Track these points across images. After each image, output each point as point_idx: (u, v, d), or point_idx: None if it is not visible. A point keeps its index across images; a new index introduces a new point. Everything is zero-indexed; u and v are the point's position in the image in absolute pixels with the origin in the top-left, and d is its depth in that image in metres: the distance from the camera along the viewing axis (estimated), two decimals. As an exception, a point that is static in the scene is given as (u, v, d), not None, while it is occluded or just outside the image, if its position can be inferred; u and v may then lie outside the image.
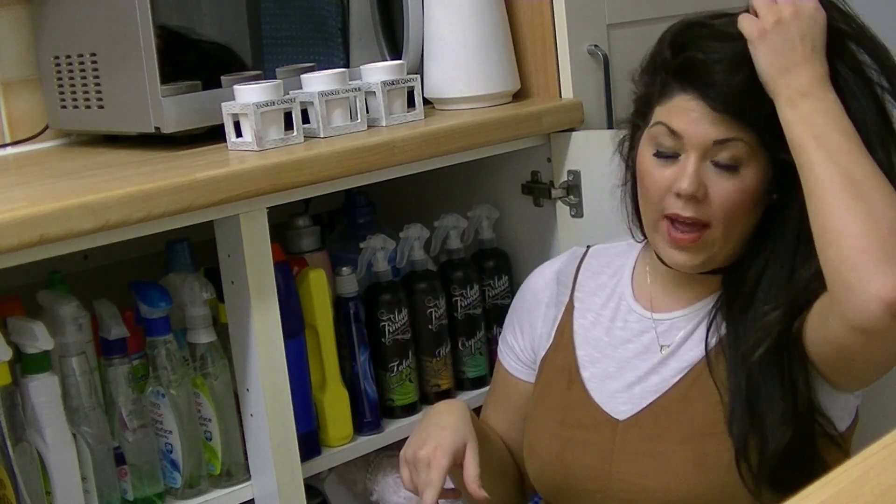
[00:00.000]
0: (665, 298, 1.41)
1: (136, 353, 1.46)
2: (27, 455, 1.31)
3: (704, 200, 1.29)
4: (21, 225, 1.20)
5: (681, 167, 1.30)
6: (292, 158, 1.43)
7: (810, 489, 0.70)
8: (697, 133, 1.29)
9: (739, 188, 1.29)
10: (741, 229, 1.32)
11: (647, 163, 1.34)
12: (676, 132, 1.30)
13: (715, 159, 1.29)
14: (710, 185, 1.29)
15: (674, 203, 1.31)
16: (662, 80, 1.33)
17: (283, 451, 1.45)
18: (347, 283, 1.62)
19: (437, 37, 1.71)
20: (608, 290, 1.46)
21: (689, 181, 1.28)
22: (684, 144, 1.30)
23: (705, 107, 1.28)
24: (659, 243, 1.35)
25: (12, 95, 1.78)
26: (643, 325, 1.41)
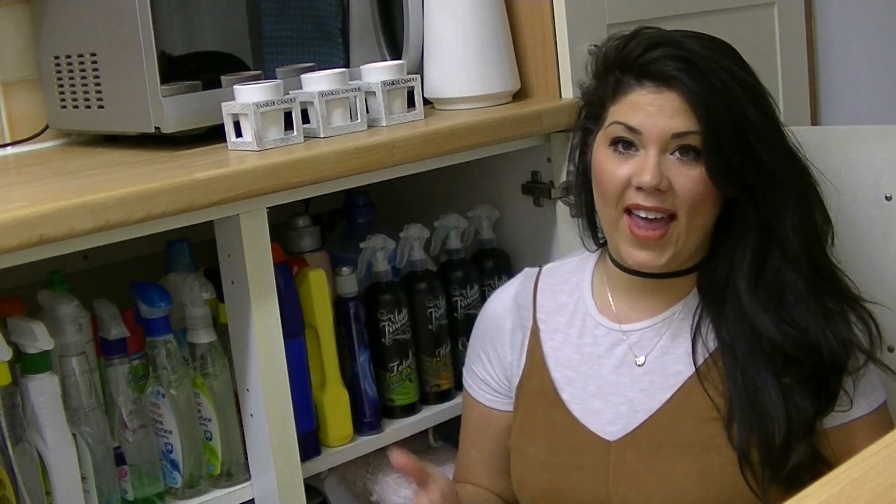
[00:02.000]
0: (630, 309, 1.39)
1: (136, 353, 1.46)
2: (27, 455, 1.31)
3: (668, 191, 1.29)
4: (21, 225, 1.20)
5: (640, 161, 1.30)
6: (292, 158, 1.43)
7: (810, 489, 0.70)
8: (656, 127, 1.29)
9: (699, 177, 1.29)
10: (703, 223, 1.32)
11: (605, 160, 1.33)
12: (635, 128, 1.30)
13: (675, 151, 1.29)
14: (672, 177, 1.29)
15: (634, 195, 1.30)
16: (616, 78, 1.33)
17: (283, 451, 1.45)
18: (347, 283, 1.62)
19: (437, 37, 1.71)
20: (570, 308, 1.44)
21: (651, 174, 1.28)
22: (643, 139, 1.30)
23: (663, 100, 1.29)
24: (620, 243, 1.33)
25: (12, 95, 1.78)
26: (613, 339, 1.39)
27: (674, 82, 1.29)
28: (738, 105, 1.30)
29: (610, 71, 1.35)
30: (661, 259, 1.32)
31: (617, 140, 1.32)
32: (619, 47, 1.34)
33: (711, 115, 1.28)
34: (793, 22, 2.07)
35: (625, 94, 1.32)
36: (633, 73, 1.31)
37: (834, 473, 0.71)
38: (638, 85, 1.31)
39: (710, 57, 1.32)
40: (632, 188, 1.30)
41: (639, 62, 1.31)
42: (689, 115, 1.29)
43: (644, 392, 1.35)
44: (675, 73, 1.29)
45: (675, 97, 1.29)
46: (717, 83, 1.30)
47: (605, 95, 1.35)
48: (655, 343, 1.37)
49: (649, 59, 1.30)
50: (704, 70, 1.30)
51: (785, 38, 2.04)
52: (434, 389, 1.71)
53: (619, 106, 1.32)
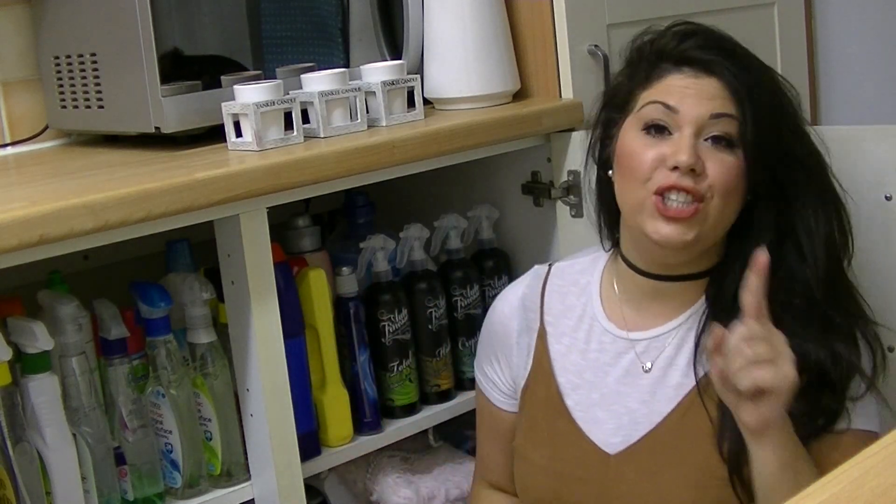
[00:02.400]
0: (639, 315, 1.37)
1: (136, 353, 1.46)
2: (27, 455, 1.31)
3: (701, 174, 1.27)
4: (21, 225, 1.20)
5: (675, 143, 1.28)
6: (292, 158, 1.43)
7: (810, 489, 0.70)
8: (695, 108, 1.28)
9: (735, 163, 1.28)
10: (728, 215, 1.30)
11: (635, 143, 1.30)
12: (672, 107, 1.29)
13: (711, 134, 1.28)
14: (706, 161, 1.27)
15: (667, 176, 1.27)
16: (650, 65, 1.33)
17: (283, 451, 1.45)
18: (347, 283, 1.62)
19: (437, 37, 1.71)
20: (578, 311, 1.42)
21: (688, 153, 1.26)
22: (679, 120, 1.28)
23: (701, 84, 1.29)
24: (647, 221, 1.29)
25: (12, 95, 1.78)
26: (620, 346, 1.37)
27: (714, 67, 1.29)
28: (776, 95, 1.31)
29: (644, 60, 1.34)
30: (689, 235, 1.27)
31: (650, 125, 1.30)
32: (654, 39, 1.35)
33: (751, 101, 1.28)
34: (793, 22, 2.07)
35: (660, 78, 1.31)
36: (671, 60, 1.32)
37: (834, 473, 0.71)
38: (676, 70, 1.31)
39: (746, 49, 1.33)
40: (663, 169, 1.27)
41: (677, 50, 1.31)
42: (727, 101, 1.28)
43: (645, 404, 1.33)
44: (714, 58, 1.29)
45: (715, 82, 1.29)
46: (756, 72, 1.31)
47: (635, 84, 1.34)
48: (662, 352, 1.34)
49: (688, 47, 1.31)
50: (743, 58, 1.31)
51: (785, 38, 2.04)
52: (434, 389, 1.70)
53: (653, 90, 1.32)
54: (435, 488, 1.68)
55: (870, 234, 1.48)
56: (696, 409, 1.30)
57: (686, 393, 1.31)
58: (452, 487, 1.68)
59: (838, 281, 1.32)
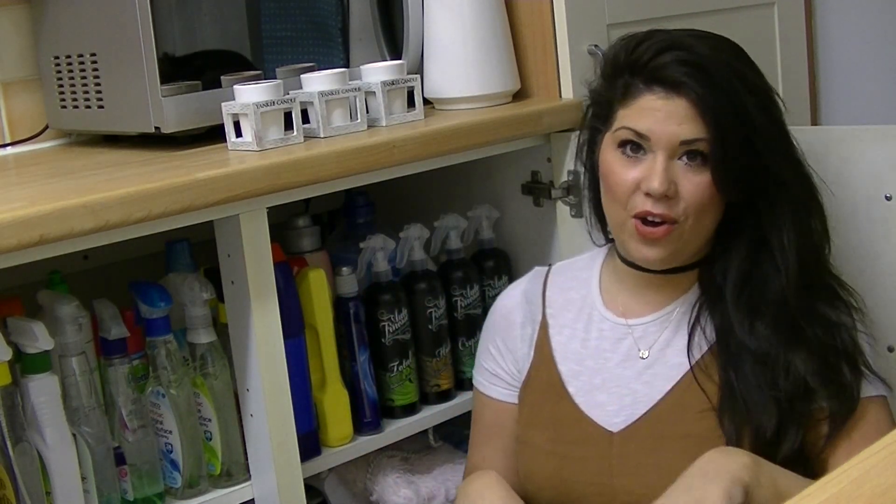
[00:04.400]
0: (636, 303, 1.41)
1: (136, 353, 1.46)
2: (27, 455, 1.31)
3: (674, 197, 1.30)
4: (21, 225, 1.20)
5: (648, 166, 1.31)
6: (292, 158, 1.43)
7: (810, 489, 0.70)
8: (665, 133, 1.30)
9: (707, 182, 1.31)
10: (706, 225, 1.34)
11: (613, 163, 1.34)
12: (643, 134, 1.31)
13: (682, 156, 1.31)
14: (680, 182, 1.30)
15: (643, 202, 1.31)
16: (626, 82, 1.34)
17: (283, 451, 1.45)
18: (347, 283, 1.62)
19: (437, 37, 1.71)
20: (578, 303, 1.45)
21: (659, 180, 1.29)
22: (651, 145, 1.31)
23: (672, 106, 1.30)
24: (627, 240, 1.35)
25: (12, 95, 1.78)
26: (618, 332, 1.41)
27: (683, 88, 1.29)
28: (746, 111, 1.31)
29: (619, 73, 1.35)
30: (666, 253, 1.33)
31: (625, 143, 1.33)
32: (629, 50, 1.34)
33: (719, 123, 1.29)
34: (793, 22, 2.07)
35: (634, 98, 1.33)
36: (643, 77, 1.32)
37: (834, 473, 0.71)
38: (647, 90, 1.32)
39: (720, 61, 1.32)
40: (640, 193, 1.31)
41: (648, 66, 1.31)
42: (697, 122, 1.29)
43: (647, 384, 1.36)
44: (684, 79, 1.29)
45: (684, 103, 1.30)
46: (727, 89, 1.30)
47: (613, 97, 1.36)
48: (658, 336, 1.39)
49: (659, 65, 1.30)
50: (714, 75, 1.30)
51: (785, 38, 2.04)
52: (434, 389, 1.70)
53: (627, 110, 1.33)
54: (435, 488, 1.68)
55: (870, 234, 1.48)
56: (694, 388, 1.34)
57: (683, 373, 1.35)
58: (452, 487, 1.68)
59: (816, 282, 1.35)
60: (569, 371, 1.42)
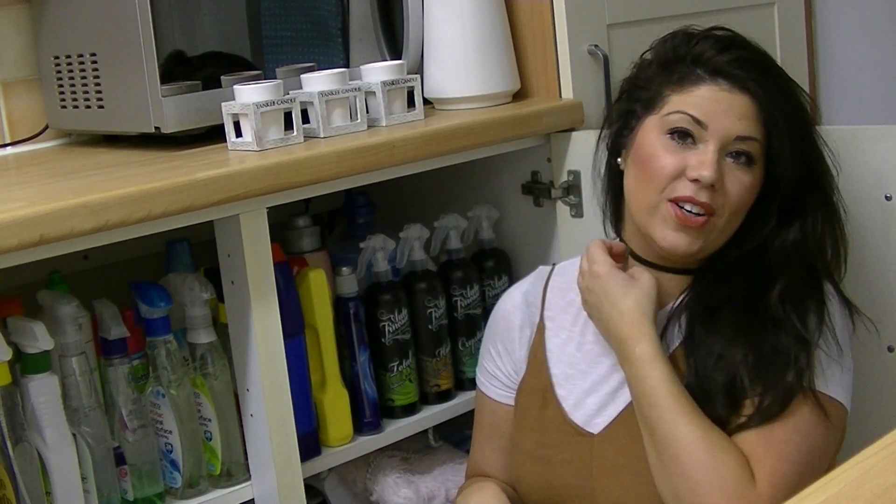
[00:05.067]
0: None
1: (136, 353, 1.47)
2: (27, 455, 1.31)
3: (719, 191, 1.30)
4: (21, 225, 1.20)
5: (700, 154, 1.30)
6: (292, 158, 1.43)
7: (810, 489, 0.70)
8: (724, 125, 1.30)
9: (751, 183, 1.31)
10: (735, 226, 1.33)
11: (658, 147, 1.33)
12: (701, 120, 1.30)
13: (733, 150, 1.30)
14: (725, 176, 1.30)
15: (686, 187, 1.30)
16: (686, 69, 1.33)
17: (283, 451, 1.45)
18: (347, 283, 1.62)
19: (437, 37, 1.71)
20: (576, 306, 1.44)
21: (711, 169, 1.28)
22: (705, 134, 1.30)
23: (734, 100, 1.30)
24: (657, 225, 1.33)
25: (12, 95, 1.78)
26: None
27: (749, 86, 1.31)
28: (803, 118, 1.34)
29: (679, 61, 1.35)
30: (695, 246, 1.32)
31: (675, 130, 1.32)
32: (691, 41, 1.35)
33: (778, 125, 1.31)
34: (793, 22, 2.07)
35: (694, 85, 1.32)
36: (707, 68, 1.32)
37: (834, 473, 0.71)
38: (711, 81, 1.32)
39: (778, 68, 1.35)
40: (683, 179, 1.30)
41: (713, 60, 1.32)
42: (755, 122, 1.30)
43: (623, 383, 1.36)
44: (751, 76, 1.31)
45: (748, 101, 1.31)
46: (788, 94, 1.33)
47: (666, 83, 1.35)
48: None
49: (726, 59, 1.32)
50: (776, 79, 1.33)
51: (785, 38, 2.04)
52: (434, 389, 1.70)
53: (685, 96, 1.32)
54: (435, 488, 1.68)
55: (870, 234, 1.48)
56: None
57: None
58: (452, 487, 1.68)
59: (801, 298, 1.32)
60: (561, 374, 1.42)
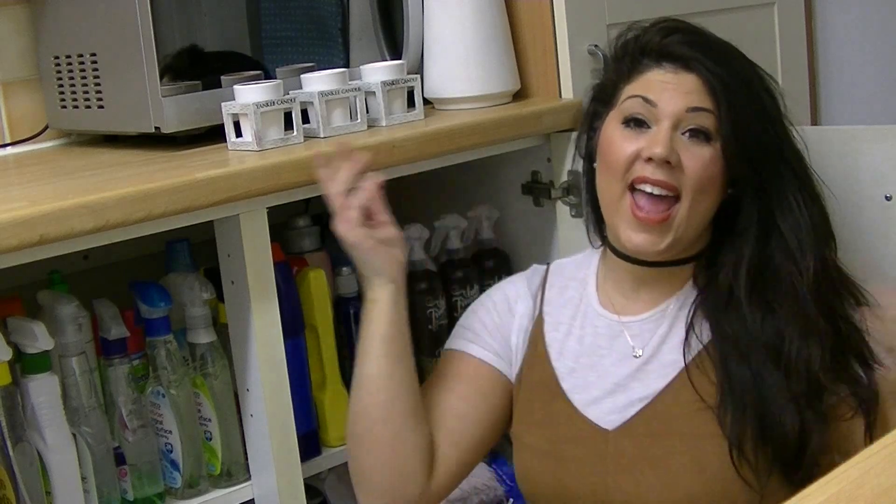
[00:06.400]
0: (630, 301, 1.40)
1: (136, 353, 1.47)
2: (27, 455, 1.31)
3: (676, 168, 1.30)
4: (21, 225, 1.20)
5: (652, 135, 1.31)
6: (292, 158, 1.43)
7: (810, 489, 0.70)
8: (673, 101, 1.31)
9: (711, 157, 1.31)
10: (704, 209, 1.33)
11: (615, 135, 1.34)
12: (651, 100, 1.32)
13: (688, 128, 1.31)
14: (682, 154, 1.31)
15: (643, 167, 1.31)
16: (632, 60, 1.36)
17: (283, 451, 1.45)
18: (347, 283, 1.62)
19: (437, 37, 1.71)
20: (575, 301, 1.45)
21: (663, 145, 1.29)
22: (657, 113, 1.32)
23: (680, 79, 1.32)
24: (621, 226, 1.33)
25: (12, 95, 1.78)
26: (612, 330, 1.40)
27: (693, 63, 1.33)
28: (755, 90, 1.34)
29: (627, 54, 1.38)
30: (660, 244, 1.32)
31: (630, 118, 1.34)
32: (638, 35, 1.38)
33: (729, 96, 1.31)
34: (793, 22, 2.07)
35: (641, 73, 1.35)
36: (653, 55, 1.35)
37: (834, 473, 0.71)
38: (657, 65, 1.34)
39: (726, 44, 1.37)
40: (640, 161, 1.31)
41: (659, 45, 1.35)
42: (705, 96, 1.32)
43: (641, 382, 1.36)
44: (695, 54, 1.33)
45: (694, 78, 1.33)
46: (735, 68, 1.34)
47: (619, 78, 1.38)
48: (653, 334, 1.38)
49: (669, 42, 1.34)
50: (722, 54, 1.34)
51: (785, 38, 2.04)
52: (434, 389, 1.70)
53: (634, 84, 1.35)
54: (435, 488, 1.68)
55: (870, 234, 1.48)
56: (689, 386, 1.33)
57: (678, 371, 1.34)
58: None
59: (826, 276, 1.33)
60: (563, 367, 1.41)
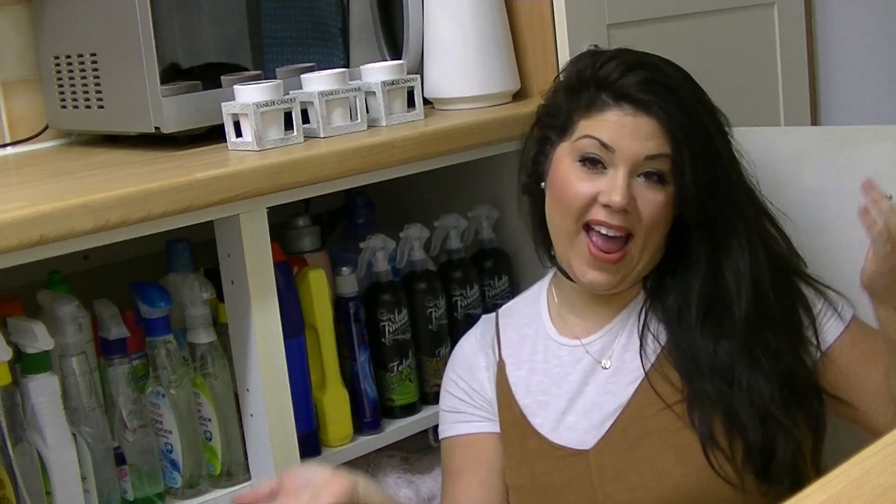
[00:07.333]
0: (585, 322, 1.42)
1: (136, 353, 1.46)
2: (27, 455, 1.31)
3: (632, 213, 1.31)
4: (21, 225, 1.20)
5: (610, 180, 1.32)
6: (292, 158, 1.43)
7: (810, 489, 0.70)
8: (631, 148, 1.31)
9: (664, 201, 1.33)
10: (655, 244, 1.35)
11: (570, 174, 1.34)
12: (608, 145, 1.32)
13: (644, 172, 1.32)
14: (637, 198, 1.32)
15: (599, 211, 1.32)
16: (591, 95, 1.35)
17: (283, 451, 1.45)
18: (347, 283, 1.62)
19: (437, 37, 1.71)
20: (532, 337, 1.45)
21: (621, 194, 1.30)
22: (614, 158, 1.32)
23: (638, 123, 1.31)
24: (574, 261, 1.35)
25: (12, 95, 1.78)
26: (576, 354, 1.41)
27: (652, 108, 1.32)
28: (709, 134, 1.35)
29: (584, 86, 1.36)
30: (614, 280, 1.35)
31: (585, 157, 1.33)
32: (596, 65, 1.35)
33: (684, 142, 1.31)
34: (793, 22, 2.07)
35: (600, 111, 1.33)
36: (610, 93, 1.33)
37: (834, 473, 0.71)
38: (615, 105, 1.33)
39: (683, 83, 1.36)
40: (597, 205, 1.32)
41: (617, 83, 1.33)
42: (661, 140, 1.32)
43: (610, 394, 1.37)
44: (653, 98, 1.32)
45: (652, 122, 1.32)
46: (692, 111, 1.34)
47: (575, 109, 1.36)
48: (613, 345, 1.39)
49: (628, 83, 1.32)
50: (680, 97, 1.33)
51: (785, 38, 2.04)
52: (434, 389, 1.70)
53: (592, 122, 1.34)
54: (435, 488, 1.68)
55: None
56: (657, 385, 1.35)
57: (641, 379, 1.36)
58: (452, 487, 1.68)
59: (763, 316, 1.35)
60: (534, 403, 1.41)
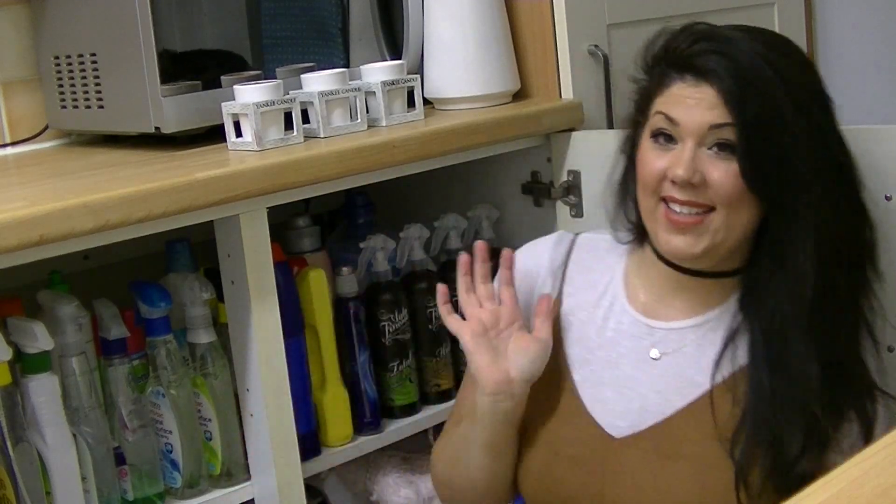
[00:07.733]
0: (660, 305, 1.36)
1: (136, 353, 1.46)
2: (27, 455, 1.31)
3: (702, 186, 1.28)
4: (21, 225, 1.20)
5: (677, 154, 1.29)
6: (292, 158, 1.43)
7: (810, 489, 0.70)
8: (694, 119, 1.28)
9: (736, 171, 1.27)
10: (742, 223, 1.28)
11: (646, 151, 1.33)
12: (674, 119, 1.30)
13: (714, 142, 1.28)
14: (707, 171, 1.27)
15: (670, 187, 1.29)
16: (660, 71, 1.33)
17: (283, 451, 1.45)
18: (347, 283, 1.62)
19: (437, 37, 1.71)
20: (601, 288, 1.41)
21: (684, 167, 1.27)
22: (681, 131, 1.29)
23: (701, 94, 1.29)
24: (658, 231, 1.31)
25: (12, 95, 1.78)
26: (637, 330, 1.36)
27: (712, 76, 1.28)
28: (775, 103, 1.28)
29: (657, 63, 1.35)
30: (697, 247, 1.29)
31: (658, 133, 1.32)
32: (669, 41, 1.34)
33: (744, 111, 1.27)
34: (793, 22, 2.07)
35: (667, 86, 1.32)
36: (677, 66, 1.32)
37: (834, 473, 0.71)
38: (679, 78, 1.31)
39: (755, 52, 1.29)
40: (668, 180, 1.29)
41: (683, 55, 1.31)
42: (726, 109, 1.28)
43: (659, 394, 1.32)
44: (714, 67, 1.28)
45: (712, 91, 1.28)
46: (755, 79, 1.28)
47: (651, 88, 1.35)
48: (680, 347, 1.34)
49: (692, 53, 1.31)
50: (743, 66, 1.28)
51: (785, 38, 2.04)
52: (434, 389, 1.70)
53: (662, 98, 1.33)
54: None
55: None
56: (709, 411, 1.29)
57: (701, 393, 1.31)
58: (452, 487, 1.68)
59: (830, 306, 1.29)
60: (577, 355, 1.38)
